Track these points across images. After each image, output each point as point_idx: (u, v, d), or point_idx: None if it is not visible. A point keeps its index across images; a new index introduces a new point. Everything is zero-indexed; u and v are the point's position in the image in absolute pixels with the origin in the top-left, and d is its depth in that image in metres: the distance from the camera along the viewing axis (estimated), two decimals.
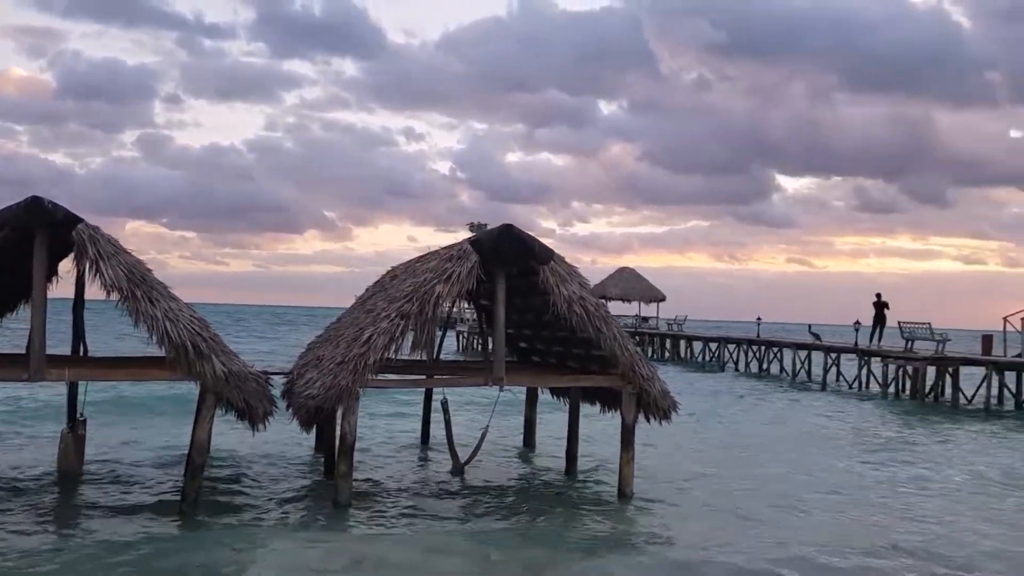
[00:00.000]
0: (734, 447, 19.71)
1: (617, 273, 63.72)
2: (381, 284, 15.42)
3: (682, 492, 14.21)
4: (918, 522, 12.79)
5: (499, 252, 12.08)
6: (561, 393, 16.92)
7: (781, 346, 43.79)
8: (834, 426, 24.39)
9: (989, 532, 12.27)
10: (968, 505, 14.18)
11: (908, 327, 33.19)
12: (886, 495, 14.73)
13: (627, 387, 12.88)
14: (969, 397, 30.35)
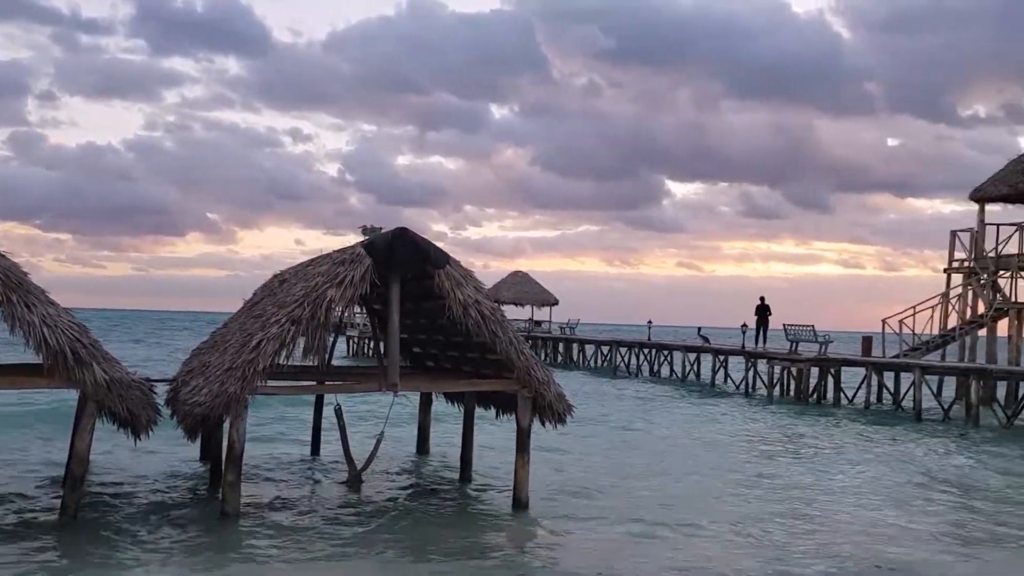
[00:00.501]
0: (629, 450, 19.85)
1: (510, 277, 63.97)
2: (269, 288, 14.98)
3: (580, 499, 14.18)
4: (807, 523, 13.07)
5: (393, 256, 11.84)
6: (456, 398, 16.75)
7: (671, 349, 44.53)
8: (727, 428, 24.83)
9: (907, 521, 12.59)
10: (872, 501, 14.58)
11: (792, 329, 34.11)
12: (783, 499, 15.00)
13: (523, 391, 12.80)
14: (850, 397, 31.36)
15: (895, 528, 12.80)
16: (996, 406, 28.54)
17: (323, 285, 11.61)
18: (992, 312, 32.00)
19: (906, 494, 15.54)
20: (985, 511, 14.33)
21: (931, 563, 10.94)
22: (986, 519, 13.70)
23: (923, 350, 32.32)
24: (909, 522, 13.24)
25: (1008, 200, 34.15)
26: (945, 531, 12.81)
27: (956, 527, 13.13)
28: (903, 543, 11.86)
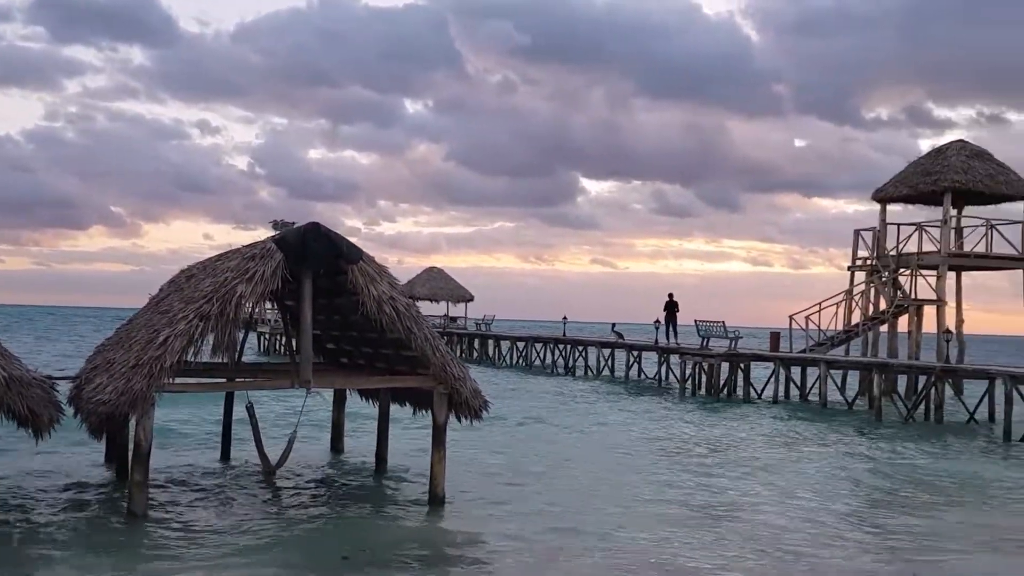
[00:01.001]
0: (543, 445, 19.94)
1: (425, 273, 63.79)
2: (176, 284, 14.60)
3: (496, 494, 14.19)
4: (720, 507, 13.30)
5: (305, 251, 11.68)
6: (371, 395, 16.61)
7: (586, 345, 44.90)
8: (640, 422, 25.11)
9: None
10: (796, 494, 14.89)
11: (704, 325, 34.68)
12: (693, 490, 15.23)
13: (438, 387, 12.75)
14: (759, 391, 32.06)
15: (810, 522, 13.11)
16: (897, 399, 29.44)
17: (233, 280, 11.38)
18: (893, 309, 33.02)
19: (812, 485, 15.92)
20: (882, 499, 14.79)
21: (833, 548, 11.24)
22: (884, 506, 14.13)
23: (828, 345, 33.19)
24: (820, 515, 13.58)
25: (908, 201, 35.29)
26: (849, 519, 13.17)
27: (858, 513, 13.51)
28: (817, 536, 12.16)
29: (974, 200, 34.00)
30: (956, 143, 34.31)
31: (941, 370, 26.30)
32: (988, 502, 15.07)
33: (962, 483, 16.71)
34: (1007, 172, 33.21)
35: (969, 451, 20.95)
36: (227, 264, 12.18)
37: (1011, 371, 24.91)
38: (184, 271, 15.32)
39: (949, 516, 13.73)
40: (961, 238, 33.54)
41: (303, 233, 11.81)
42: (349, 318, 13.97)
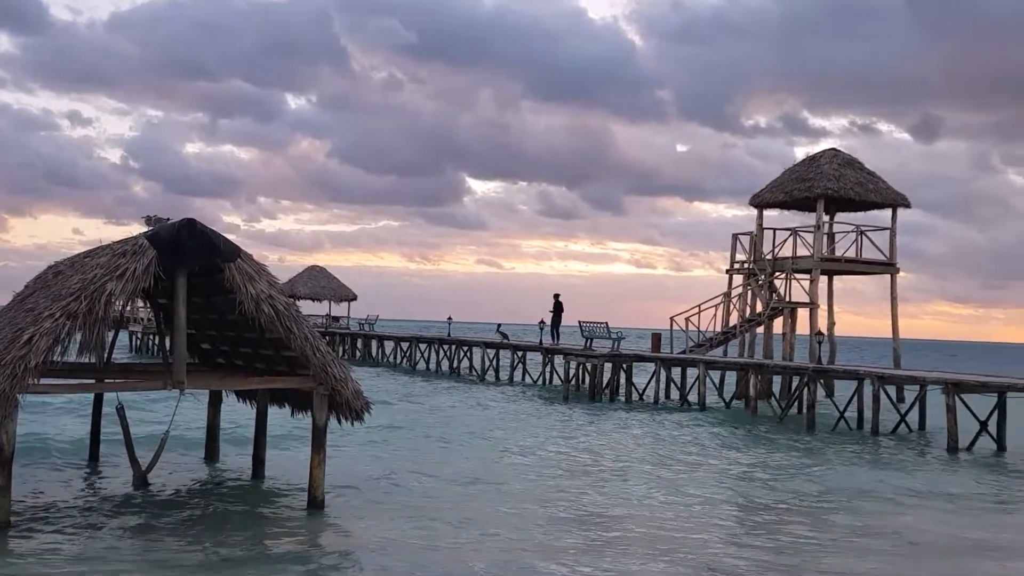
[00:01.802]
0: (427, 446, 19.77)
1: (307, 272, 62.85)
2: (43, 280, 13.92)
3: (378, 497, 14.00)
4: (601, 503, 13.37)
5: (180, 248, 11.26)
6: (248, 396, 16.16)
7: (471, 345, 44.85)
8: (524, 424, 25.16)
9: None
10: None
11: (588, 326, 35.02)
12: (582, 489, 15.30)
13: (319, 388, 12.48)
14: (641, 391, 32.55)
15: (680, 520, 13.31)
16: (772, 399, 30.32)
17: (102, 277, 10.89)
18: (769, 311, 33.99)
19: (689, 483, 16.20)
20: (753, 493, 15.16)
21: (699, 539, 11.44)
22: (758, 497, 14.47)
23: (707, 346, 33.95)
24: (700, 513, 13.81)
25: (784, 206, 36.38)
26: (724, 515, 13.44)
27: (731, 506, 13.79)
28: (691, 531, 12.35)
29: (845, 207, 35.27)
30: (829, 151, 35.51)
31: (813, 371, 27.15)
32: (863, 502, 15.58)
33: (831, 486, 17.24)
34: (876, 180, 34.52)
35: (838, 450, 21.66)
36: (97, 260, 11.65)
37: (878, 372, 25.94)
38: (51, 267, 14.61)
39: (827, 518, 14.13)
40: (833, 243, 34.72)
41: (177, 229, 11.38)
42: (226, 317, 13.56)
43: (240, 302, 11.65)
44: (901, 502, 15.46)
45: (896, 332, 34.59)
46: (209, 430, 16.99)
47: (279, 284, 12.28)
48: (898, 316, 34.47)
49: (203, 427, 17.13)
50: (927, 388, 24.33)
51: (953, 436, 21.85)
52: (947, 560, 11.57)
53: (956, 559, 11.64)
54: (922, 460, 20.64)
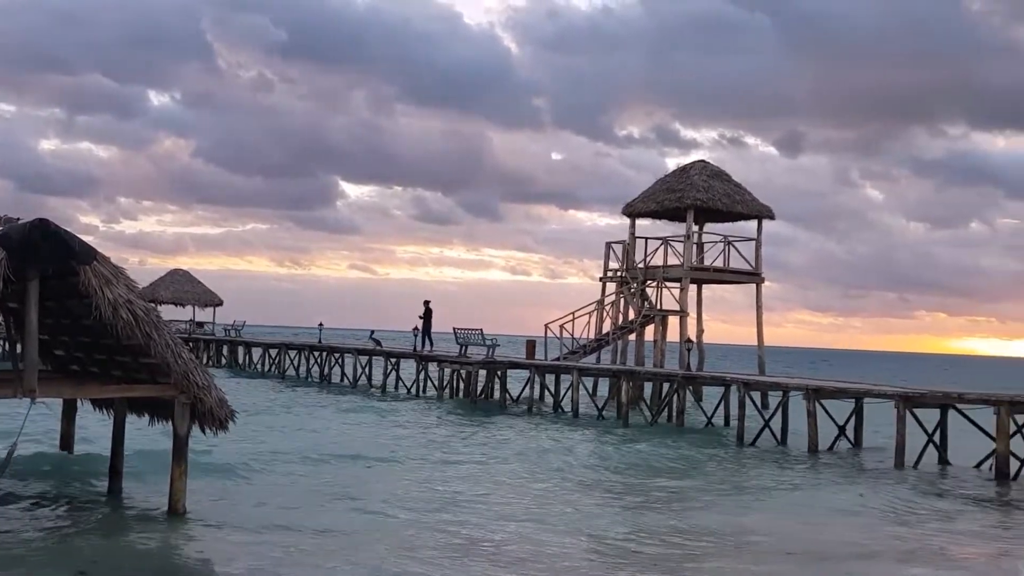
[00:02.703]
0: (293, 455, 19.23)
1: (169, 275, 60.95)
2: None
3: (240, 508, 13.52)
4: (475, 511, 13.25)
5: (31, 249, 10.62)
6: (105, 405, 15.40)
7: (343, 352, 44.15)
8: (397, 432, 24.84)
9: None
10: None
11: (462, 333, 34.87)
12: (452, 497, 15.13)
13: (180, 397, 11.97)
14: (515, 397, 32.62)
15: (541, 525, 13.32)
16: (643, 405, 30.80)
17: None
18: (641, 319, 34.55)
19: (552, 489, 16.24)
20: (625, 497, 15.30)
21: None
22: (629, 501, 14.62)
23: (581, 353, 34.26)
24: (571, 519, 13.83)
25: (655, 216, 37.11)
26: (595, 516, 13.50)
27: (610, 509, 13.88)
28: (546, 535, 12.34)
29: (714, 217, 36.20)
30: (698, 163, 36.40)
31: (683, 377, 27.69)
32: (726, 504, 15.89)
33: (696, 488, 17.55)
34: (743, 192, 35.55)
35: (705, 454, 22.10)
36: None
37: (744, 378, 26.65)
38: None
39: (692, 519, 14.34)
40: (702, 253, 35.57)
41: (29, 230, 10.73)
42: (81, 323, 12.88)
43: (96, 307, 11.07)
44: (752, 504, 15.86)
45: (761, 340, 35.65)
46: (63, 439, 16.18)
47: (139, 288, 11.74)
48: (763, 324, 35.58)
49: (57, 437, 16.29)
50: (790, 394, 25.08)
51: (813, 440, 22.57)
52: (797, 561, 11.85)
53: (807, 559, 11.94)
54: (783, 463, 21.23)
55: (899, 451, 20.77)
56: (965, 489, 18.35)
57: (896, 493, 17.37)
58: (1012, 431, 19.59)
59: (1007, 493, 18.06)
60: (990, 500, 17.39)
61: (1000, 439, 19.47)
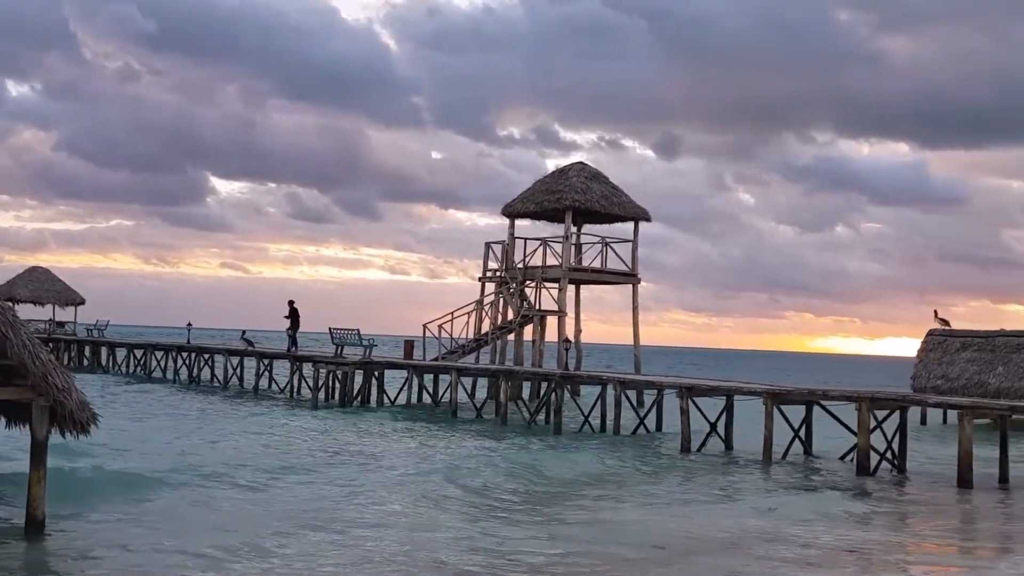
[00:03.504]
0: (158, 459, 18.59)
1: (27, 273, 58.34)
2: None
3: (101, 516, 12.98)
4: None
5: None
6: None
7: (213, 353, 42.99)
8: (270, 434, 24.29)
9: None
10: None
11: (338, 333, 34.34)
12: (330, 499, 14.84)
13: (38, 400, 11.37)
14: (393, 398, 32.33)
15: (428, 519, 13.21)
16: (522, 404, 30.94)
17: None
18: (519, 318, 34.72)
19: (433, 484, 16.17)
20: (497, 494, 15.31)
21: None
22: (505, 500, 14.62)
23: (460, 353, 34.20)
24: (442, 513, 13.73)
25: (535, 217, 37.36)
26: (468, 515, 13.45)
27: (477, 509, 13.85)
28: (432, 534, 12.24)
29: (592, 219, 36.67)
30: (576, 165, 36.80)
31: (561, 376, 27.93)
32: (600, 501, 16.07)
33: (570, 483, 17.71)
34: (620, 194, 36.11)
35: (582, 451, 22.33)
36: None
37: (621, 377, 27.08)
38: None
39: (564, 514, 14.44)
40: (580, 254, 36.01)
41: None
42: None
43: None
44: (629, 499, 16.11)
45: (637, 339, 36.29)
46: None
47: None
48: (639, 324, 36.24)
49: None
50: (664, 392, 25.60)
51: (686, 436, 23.07)
52: (666, 553, 12.07)
53: (676, 555, 12.16)
54: (657, 459, 21.64)
55: (767, 445, 21.47)
56: (827, 481, 19.05)
57: (763, 485, 17.89)
58: (872, 426, 20.43)
59: (864, 485, 18.79)
60: (851, 490, 18.04)
61: (861, 434, 20.27)
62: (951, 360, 34.78)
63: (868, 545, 12.89)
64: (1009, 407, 20.84)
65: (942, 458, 22.59)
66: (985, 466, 19.44)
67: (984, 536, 14.74)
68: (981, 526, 15.87)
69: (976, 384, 32.71)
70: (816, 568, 11.39)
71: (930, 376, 34.78)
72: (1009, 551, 12.96)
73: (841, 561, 11.92)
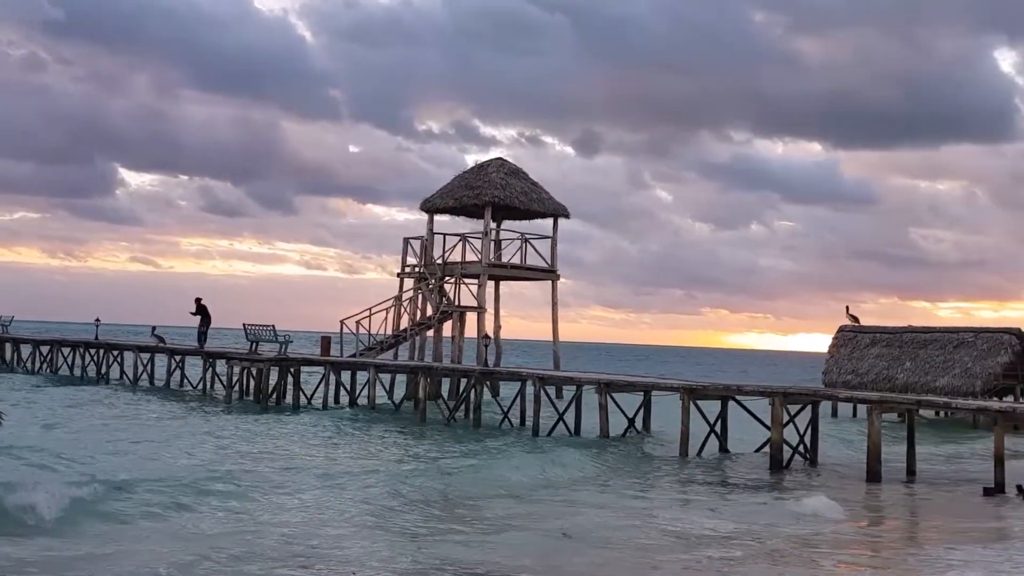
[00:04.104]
0: (65, 459, 17.94)
1: None
2: None
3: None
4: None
5: None
6: None
7: (122, 349, 41.84)
8: (179, 433, 23.68)
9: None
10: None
11: (253, 329, 33.69)
12: (241, 505, 14.48)
13: None
14: (309, 396, 31.83)
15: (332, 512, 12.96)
16: (441, 401, 30.72)
17: None
18: (439, 315, 34.48)
19: (351, 485, 15.93)
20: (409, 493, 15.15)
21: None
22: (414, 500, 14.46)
23: (378, 350, 33.82)
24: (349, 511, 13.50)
25: (454, 212, 37.13)
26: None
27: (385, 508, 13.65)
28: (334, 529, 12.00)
29: (511, 215, 36.62)
30: (496, 160, 36.70)
31: (480, 372, 27.81)
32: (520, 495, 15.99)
33: (490, 481, 17.63)
34: (539, 190, 36.13)
35: (500, 448, 22.25)
36: None
37: (539, 373, 27.07)
38: None
39: (485, 511, 14.32)
40: (500, 250, 35.91)
41: None
42: None
43: None
44: (543, 495, 16.10)
45: (556, 335, 36.36)
46: None
47: None
48: (558, 320, 36.29)
49: None
50: (583, 388, 25.66)
51: (605, 431, 23.14)
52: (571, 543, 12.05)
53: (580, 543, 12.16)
54: (575, 454, 21.65)
55: (683, 440, 21.67)
56: (740, 474, 19.31)
57: (678, 478, 18.04)
58: (785, 421, 20.75)
59: (781, 479, 19.07)
60: (763, 484, 18.28)
61: (774, 428, 20.58)
62: (861, 355, 35.61)
63: (776, 538, 13.05)
64: (916, 401, 21.37)
65: (852, 452, 23.07)
66: (893, 460, 19.90)
67: (891, 529, 15.03)
68: (889, 520, 16.17)
69: (884, 379, 33.56)
70: (729, 563, 11.47)
71: (841, 371, 35.55)
72: (915, 543, 13.22)
73: (750, 552, 12.04)
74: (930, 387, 31.79)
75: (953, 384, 31.65)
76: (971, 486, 18.52)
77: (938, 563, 11.57)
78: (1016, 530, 14.26)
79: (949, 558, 11.83)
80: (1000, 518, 15.57)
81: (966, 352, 32.68)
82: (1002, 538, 13.57)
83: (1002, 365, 31.95)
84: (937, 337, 34.19)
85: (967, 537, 13.34)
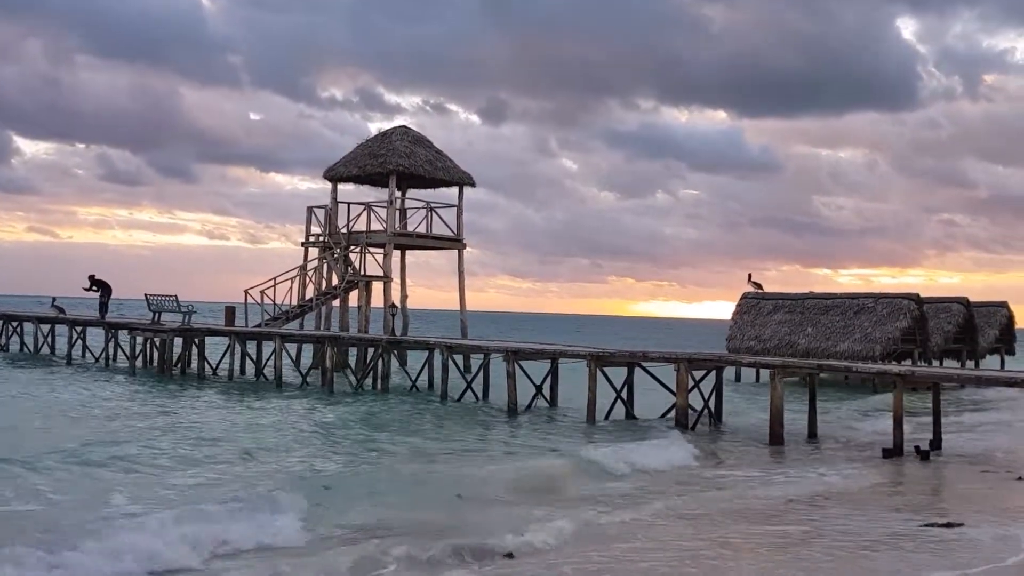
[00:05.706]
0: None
1: None
2: None
3: None
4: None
5: None
6: None
7: (21, 320, 40.54)
8: (81, 405, 23.05)
9: None
10: None
11: (155, 299, 32.95)
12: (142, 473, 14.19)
13: None
14: (214, 366, 31.29)
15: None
16: (348, 371, 30.51)
17: None
18: (344, 284, 34.17)
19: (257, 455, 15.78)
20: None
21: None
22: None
23: (283, 320, 33.39)
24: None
25: (358, 181, 36.77)
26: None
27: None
28: None
29: (416, 183, 36.42)
30: (400, 128, 36.37)
31: (387, 342, 27.70)
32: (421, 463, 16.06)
33: (402, 446, 17.64)
34: (444, 159, 35.96)
35: (408, 416, 22.25)
36: None
37: (447, 342, 27.11)
38: None
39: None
40: (405, 219, 35.70)
41: None
42: None
43: None
44: (457, 460, 16.18)
45: (463, 304, 36.40)
46: None
47: None
48: (465, 289, 36.33)
49: None
50: (490, 356, 25.77)
51: (513, 399, 23.33)
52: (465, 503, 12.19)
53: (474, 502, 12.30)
54: (484, 422, 21.81)
55: (591, 406, 21.98)
56: (645, 439, 19.66)
57: (583, 442, 18.31)
58: (690, 386, 21.20)
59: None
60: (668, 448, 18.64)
61: (680, 393, 21.02)
62: (763, 322, 36.45)
63: (676, 501, 13.41)
64: (817, 366, 22.03)
65: (755, 415, 23.67)
66: (795, 422, 20.51)
67: (794, 491, 15.46)
68: (792, 483, 16.61)
69: (787, 344, 34.41)
70: (623, 509, 11.76)
71: (744, 337, 36.35)
72: (818, 506, 13.65)
73: (644, 511, 12.44)
74: (831, 352, 32.65)
75: (854, 349, 32.54)
76: (872, 449, 19.16)
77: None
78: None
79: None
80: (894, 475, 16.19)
81: (866, 318, 33.63)
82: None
83: (901, 330, 32.96)
84: (838, 303, 35.08)
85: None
